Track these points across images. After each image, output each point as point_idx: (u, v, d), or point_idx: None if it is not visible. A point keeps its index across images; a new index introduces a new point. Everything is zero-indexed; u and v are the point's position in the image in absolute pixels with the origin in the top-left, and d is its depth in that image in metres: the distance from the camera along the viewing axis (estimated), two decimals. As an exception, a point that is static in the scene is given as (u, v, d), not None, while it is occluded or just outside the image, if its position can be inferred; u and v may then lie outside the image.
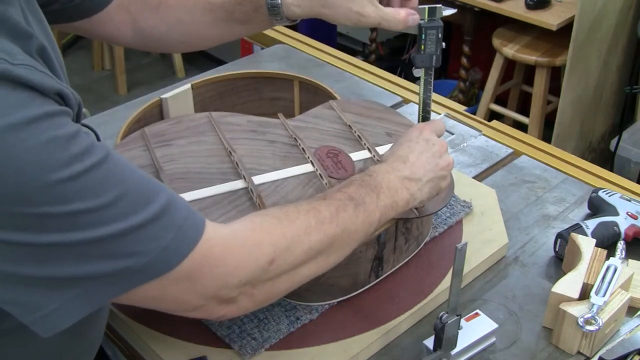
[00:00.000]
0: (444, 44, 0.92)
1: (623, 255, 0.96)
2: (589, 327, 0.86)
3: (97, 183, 0.59)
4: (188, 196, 0.94)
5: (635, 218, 1.06)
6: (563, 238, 1.03)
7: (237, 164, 1.00)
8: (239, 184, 0.97)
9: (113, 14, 0.96)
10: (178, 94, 1.18)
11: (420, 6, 0.91)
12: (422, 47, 0.91)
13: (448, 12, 0.92)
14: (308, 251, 0.73)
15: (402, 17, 0.89)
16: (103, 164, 0.60)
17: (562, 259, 1.03)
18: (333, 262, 0.78)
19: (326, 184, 0.98)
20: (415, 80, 1.14)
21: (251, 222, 0.72)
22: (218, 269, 0.67)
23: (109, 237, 0.59)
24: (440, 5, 0.90)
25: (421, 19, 0.91)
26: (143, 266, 0.62)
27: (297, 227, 0.73)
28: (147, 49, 1.02)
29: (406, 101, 1.49)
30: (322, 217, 0.75)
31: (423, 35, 0.90)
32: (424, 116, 0.98)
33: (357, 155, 1.05)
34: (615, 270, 0.92)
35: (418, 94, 0.98)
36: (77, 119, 0.63)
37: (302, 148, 1.04)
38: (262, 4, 0.93)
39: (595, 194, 1.12)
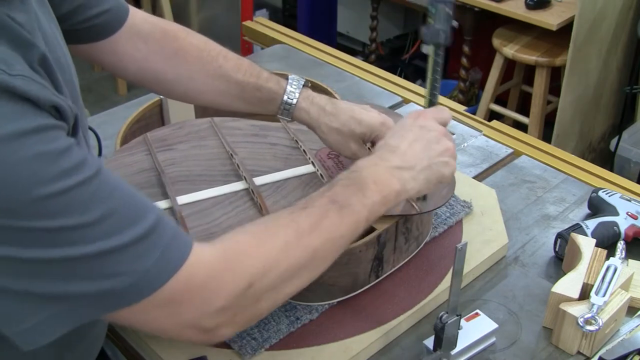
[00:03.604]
0: (455, 22, 0.88)
1: (623, 255, 0.96)
2: (589, 327, 0.86)
3: (85, 200, 0.58)
4: (189, 197, 0.95)
5: (635, 218, 1.06)
6: (563, 238, 1.03)
7: (238, 166, 1.00)
8: (240, 185, 0.98)
9: (118, 46, 0.93)
10: (178, 94, 1.18)
11: None
12: (431, 20, 0.87)
13: None
14: (288, 269, 0.70)
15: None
16: (93, 181, 0.59)
17: (562, 259, 1.03)
18: (319, 272, 0.75)
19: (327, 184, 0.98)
20: (415, 79, 1.14)
21: (230, 243, 0.69)
22: (199, 295, 0.65)
23: (94, 256, 0.58)
24: None
25: None
26: (126, 288, 0.60)
27: (275, 245, 0.70)
28: (143, 86, 1.00)
29: (406, 101, 1.49)
30: (302, 229, 0.72)
31: (433, 9, 0.87)
32: (431, 100, 0.92)
33: (357, 155, 1.05)
34: (615, 270, 0.92)
35: (426, 76, 0.94)
36: (74, 131, 0.63)
37: (303, 150, 1.04)
38: (278, 99, 0.96)
39: (595, 194, 1.12)
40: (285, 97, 0.95)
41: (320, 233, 0.73)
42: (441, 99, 1.51)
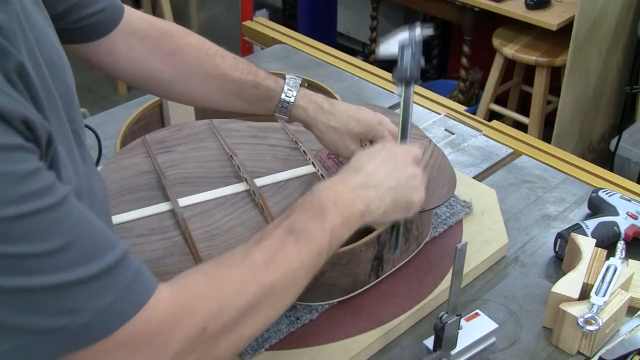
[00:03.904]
0: (423, 61, 0.92)
1: (623, 255, 0.96)
2: (589, 327, 0.86)
3: (46, 227, 0.54)
4: (190, 199, 0.95)
5: (635, 218, 1.06)
6: (563, 238, 1.03)
7: (238, 167, 1.00)
8: (240, 187, 0.98)
9: (114, 46, 0.91)
10: (178, 94, 1.18)
11: (403, 30, 0.94)
12: (399, 61, 0.91)
13: (426, 31, 0.94)
14: (244, 309, 0.66)
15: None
16: (56, 208, 0.55)
17: (562, 259, 1.03)
18: (282, 308, 0.71)
19: (326, 184, 0.98)
20: None
21: (184, 285, 0.65)
22: (155, 340, 0.61)
23: (51, 288, 0.54)
24: (419, 25, 0.93)
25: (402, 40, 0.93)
26: (82, 326, 0.56)
27: (229, 284, 0.66)
28: (138, 87, 0.97)
29: (406, 101, 1.49)
30: (256, 265, 0.67)
31: (400, 51, 0.91)
32: (402, 135, 0.91)
33: (357, 156, 1.05)
34: (615, 270, 0.92)
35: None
36: (48, 148, 0.59)
37: (303, 150, 1.04)
38: (275, 97, 0.95)
39: (595, 194, 1.12)
40: (282, 95, 0.95)
41: (276, 267, 0.68)
42: (441, 98, 1.52)
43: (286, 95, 0.95)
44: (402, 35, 0.92)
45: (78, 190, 0.66)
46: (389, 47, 0.93)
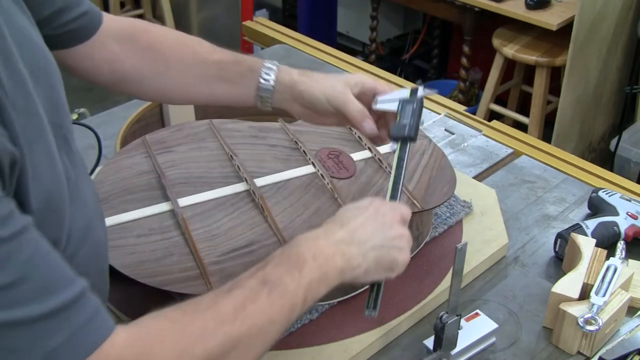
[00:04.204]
0: (423, 121, 0.91)
1: (623, 255, 0.96)
2: (589, 327, 0.86)
3: None
4: (190, 199, 0.95)
5: (635, 218, 1.06)
6: (563, 238, 1.03)
7: (238, 167, 1.00)
8: (241, 187, 0.98)
9: (94, 51, 0.88)
10: (178, 94, 1.18)
11: (403, 88, 0.91)
12: (398, 117, 0.88)
13: (429, 92, 0.92)
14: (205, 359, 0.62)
15: (362, 113, 0.88)
16: (12, 241, 0.52)
17: (562, 259, 1.03)
18: None
19: (328, 183, 0.98)
20: (415, 79, 1.15)
21: (144, 329, 0.62)
22: None
23: None
24: (421, 87, 0.90)
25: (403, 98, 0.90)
26: None
27: (191, 332, 0.62)
28: (121, 91, 0.93)
29: (406, 101, 1.49)
30: (223, 315, 0.64)
31: (400, 107, 0.88)
32: (393, 195, 0.85)
33: (358, 156, 1.06)
34: (615, 270, 0.92)
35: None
36: (12, 169, 0.56)
37: (303, 150, 1.04)
38: (258, 67, 0.91)
39: (595, 194, 1.12)
40: (266, 63, 0.91)
41: (244, 319, 0.64)
42: (441, 98, 1.52)
43: (269, 62, 0.91)
44: (403, 93, 0.90)
45: (61, 197, 0.63)
46: (388, 103, 0.90)
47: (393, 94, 0.90)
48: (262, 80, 0.90)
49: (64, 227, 0.64)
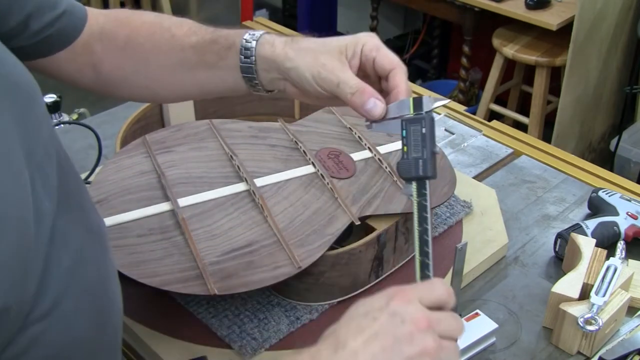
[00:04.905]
0: (439, 147, 0.70)
1: (623, 255, 0.96)
2: (589, 327, 0.86)
3: None
4: (190, 199, 0.95)
5: (635, 218, 1.06)
6: (563, 238, 1.03)
7: (238, 167, 1.00)
8: (241, 187, 0.98)
9: (76, 54, 0.79)
10: (178, 94, 1.18)
11: (403, 99, 0.69)
12: (405, 148, 0.66)
13: (439, 103, 0.72)
14: None
15: (361, 93, 0.69)
16: None
17: (562, 259, 1.03)
18: None
19: (328, 183, 0.98)
20: (415, 79, 1.12)
21: None
22: None
23: None
24: (427, 97, 0.68)
25: (405, 115, 0.68)
26: None
27: None
28: (108, 93, 0.85)
29: (406, 101, 1.49)
30: None
31: (404, 132, 0.66)
32: (422, 269, 0.65)
33: (359, 155, 1.06)
34: (615, 270, 0.92)
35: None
36: None
37: (303, 150, 1.04)
38: (238, 42, 0.76)
39: (595, 194, 1.12)
40: (246, 35, 0.75)
41: None
42: (441, 98, 1.52)
43: (249, 34, 0.75)
44: (404, 107, 0.68)
45: (25, 235, 0.53)
46: (386, 123, 0.69)
47: (391, 108, 0.69)
48: (242, 58, 0.75)
49: (28, 279, 0.53)
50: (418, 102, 0.67)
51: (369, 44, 0.71)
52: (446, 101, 0.81)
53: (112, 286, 0.68)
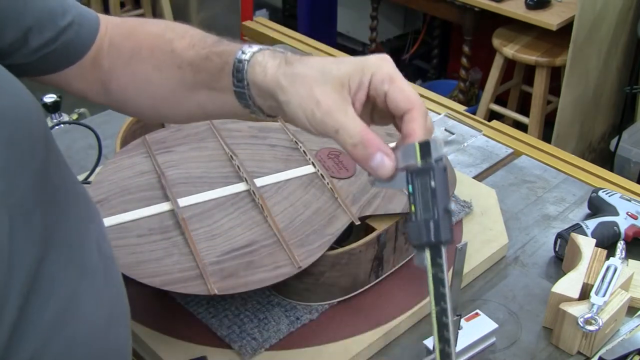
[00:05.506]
0: (453, 205, 0.60)
1: (623, 255, 0.96)
2: (589, 327, 0.86)
3: None
4: (190, 200, 0.95)
5: (635, 218, 1.06)
6: (563, 238, 1.03)
7: (238, 167, 1.00)
8: (241, 187, 0.98)
9: (85, 70, 0.73)
10: (178, 94, 1.18)
11: (407, 144, 0.57)
12: (412, 207, 0.55)
13: (448, 150, 0.61)
14: None
15: (365, 145, 0.58)
16: None
17: (562, 259, 1.03)
18: None
19: (328, 183, 0.98)
20: (415, 79, 1.11)
21: None
22: None
23: None
24: (436, 138, 0.56)
25: (411, 164, 0.56)
26: None
27: None
28: (119, 111, 0.79)
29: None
30: None
31: (410, 186, 0.55)
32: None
33: (357, 156, 1.05)
34: (615, 270, 0.92)
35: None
36: None
37: (303, 150, 1.04)
38: (230, 61, 0.65)
39: (595, 194, 1.12)
40: (238, 54, 0.65)
41: None
42: (441, 98, 1.52)
43: (242, 53, 0.64)
44: (409, 154, 0.56)
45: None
46: (394, 180, 0.58)
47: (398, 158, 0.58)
48: (235, 82, 0.65)
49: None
50: (425, 147, 0.55)
51: (380, 73, 0.58)
52: (463, 146, 0.66)
53: (120, 330, 0.61)
